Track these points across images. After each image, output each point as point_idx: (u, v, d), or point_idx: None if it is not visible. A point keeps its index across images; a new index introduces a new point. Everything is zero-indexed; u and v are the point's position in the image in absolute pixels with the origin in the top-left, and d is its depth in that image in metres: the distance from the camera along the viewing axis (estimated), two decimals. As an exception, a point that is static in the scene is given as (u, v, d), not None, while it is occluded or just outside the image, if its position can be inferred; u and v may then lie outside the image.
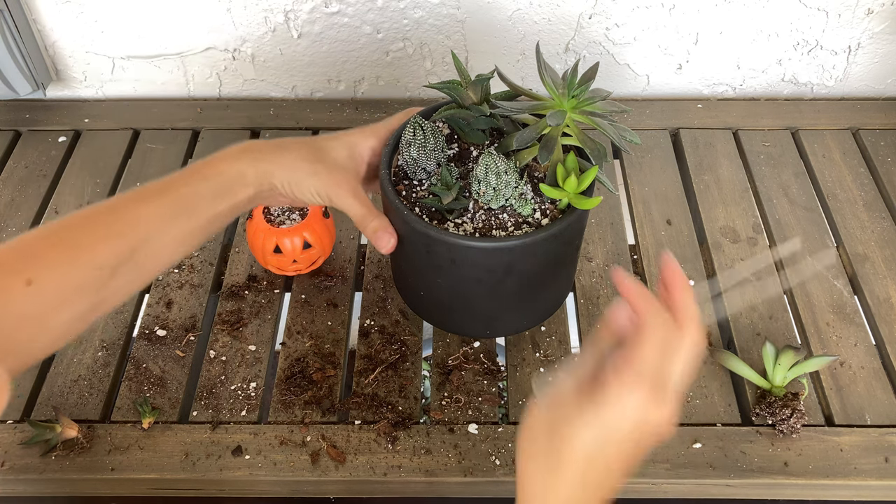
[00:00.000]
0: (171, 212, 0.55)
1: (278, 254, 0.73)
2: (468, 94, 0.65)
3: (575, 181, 0.62)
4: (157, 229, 0.54)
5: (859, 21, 0.95)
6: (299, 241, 0.72)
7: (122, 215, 0.54)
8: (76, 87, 1.03)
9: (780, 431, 0.68)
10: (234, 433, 0.69)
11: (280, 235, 0.72)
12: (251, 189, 0.59)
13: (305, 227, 0.73)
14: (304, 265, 0.75)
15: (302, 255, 0.73)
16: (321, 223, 0.74)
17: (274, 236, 0.72)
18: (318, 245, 0.74)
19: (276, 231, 0.72)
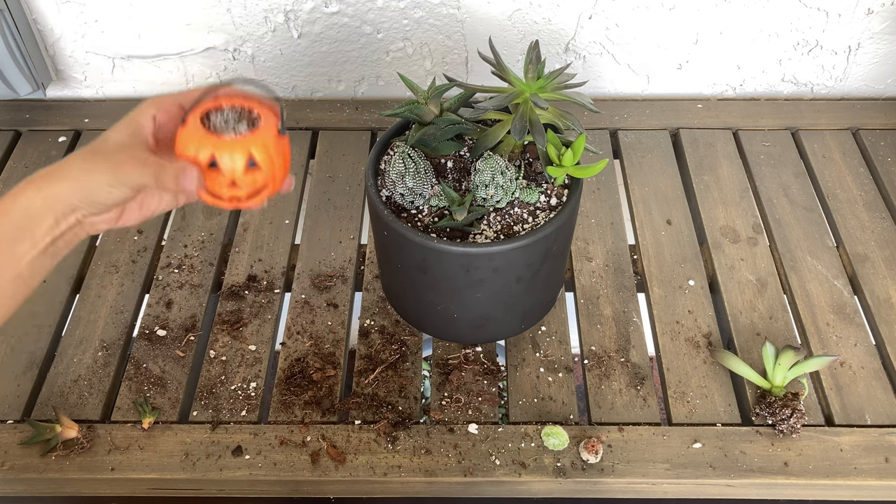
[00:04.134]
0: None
1: (213, 170, 0.53)
2: (429, 109, 0.65)
3: (571, 155, 0.62)
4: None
5: (859, 21, 0.95)
6: (242, 158, 0.52)
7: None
8: (76, 87, 1.03)
9: (780, 431, 0.68)
10: (234, 433, 0.69)
11: (219, 147, 0.52)
12: (47, 219, 0.50)
13: (254, 140, 0.53)
14: (244, 192, 0.54)
15: (245, 176, 0.53)
16: (275, 140, 0.54)
17: (211, 147, 0.52)
18: (268, 167, 0.53)
19: (214, 140, 0.53)
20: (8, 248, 0.50)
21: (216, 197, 0.54)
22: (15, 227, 0.50)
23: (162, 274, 0.82)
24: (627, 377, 0.73)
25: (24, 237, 0.50)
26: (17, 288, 0.51)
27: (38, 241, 0.50)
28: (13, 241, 0.50)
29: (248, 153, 0.52)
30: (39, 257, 0.51)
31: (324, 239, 0.85)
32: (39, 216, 0.50)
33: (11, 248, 0.50)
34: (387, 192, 0.67)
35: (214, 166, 0.52)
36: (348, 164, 0.93)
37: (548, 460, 0.67)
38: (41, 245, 0.51)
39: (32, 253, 0.50)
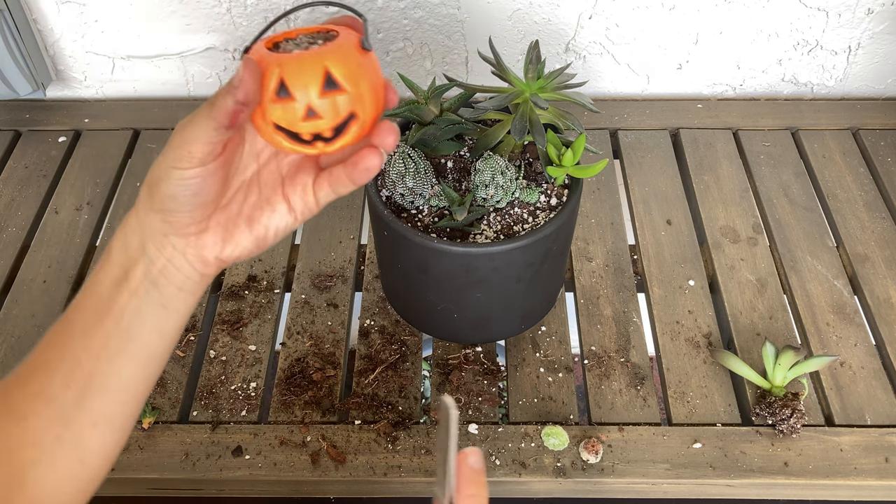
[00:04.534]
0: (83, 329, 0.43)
1: (283, 98, 0.40)
2: (429, 109, 0.65)
3: (571, 155, 0.63)
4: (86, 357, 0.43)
5: (859, 21, 0.95)
6: (317, 74, 0.39)
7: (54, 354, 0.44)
8: (76, 87, 1.03)
9: (780, 431, 0.68)
10: (234, 433, 0.69)
11: (286, 64, 0.39)
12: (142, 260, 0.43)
13: (329, 52, 0.40)
14: (327, 121, 0.40)
15: (323, 99, 0.40)
16: (357, 54, 0.41)
17: (276, 67, 0.39)
18: (351, 86, 0.40)
19: (279, 58, 0.40)
20: (107, 302, 0.43)
21: (294, 137, 0.41)
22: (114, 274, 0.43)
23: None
24: (627, 377, 0.73)
25: (122, 285, 0.43)
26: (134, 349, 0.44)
27: (135, 288, 0.43)
28: (113, 293, 0.43)
29: (324, 68, 0.40)
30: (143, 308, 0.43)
31: (324, 239, 0.85)
32: (135, 258, 0.43)
33: (112, 301, 0.43)
34: (387, 192, 0.67)
35: (285, 93, 0.40)
36: (348, 164, 0.93)
37: (548, 460, 0.67)
38: (140, 292, 0.43)
39: (134, 303, 0.43)
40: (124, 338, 0.43)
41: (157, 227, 0.43)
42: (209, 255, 0.44)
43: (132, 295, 0.43)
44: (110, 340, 0.43)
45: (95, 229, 0.87)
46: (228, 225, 0.44)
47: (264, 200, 0.45)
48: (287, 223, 0.45)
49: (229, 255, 0.45)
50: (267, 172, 0.45)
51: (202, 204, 0.42)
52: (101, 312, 0.43)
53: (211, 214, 0.44)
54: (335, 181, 0.44)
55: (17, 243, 0.85)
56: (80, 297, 0.44)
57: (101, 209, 0.88)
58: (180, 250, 0.43)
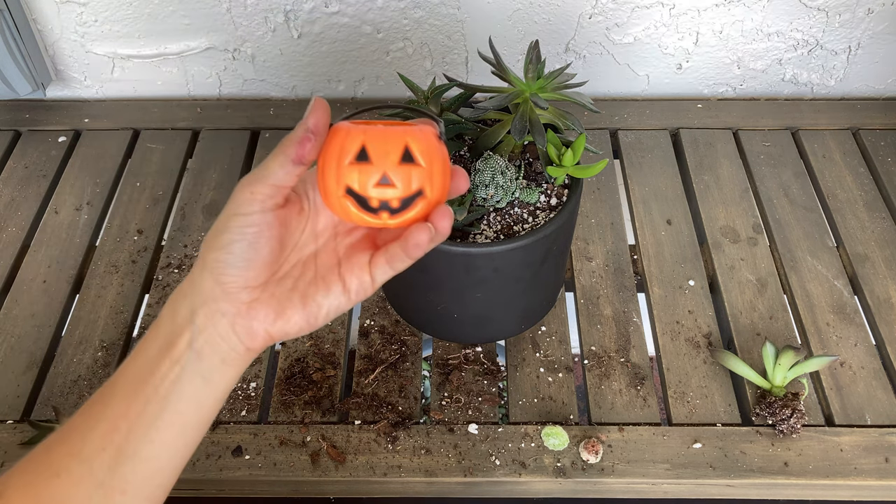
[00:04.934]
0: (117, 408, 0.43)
1: (362, 163, 0.42)
2: (429, 109, 0.65)
3: (571, 155, 0.63)
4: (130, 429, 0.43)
5: (859, 21, 0.95)
6: (398, 146, 0.42)
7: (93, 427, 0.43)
8: (76, 87, 1.03)
9: (780, 431, 0.68)
10: (234, 433, 0.69)
11: (370, 134, 0.42)
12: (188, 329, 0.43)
13: (412, 132, 0.43)
14: (399, 193, 0.42)
15: (398, 168, 0.42)
16: (435, 141, 0.44)
17: (361, 136, 0.42)
18: (427, 163, 0.42)
19: (365, 128, 0.43)
20: (149, 371, 0.43)
21: (363, 204, 0.42)
22: (160, 343, 0.43)
23: (162, 274, 0.82)
24: (627, 377, 0.73)
25: (164, 356, 0.43)
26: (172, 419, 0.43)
27: (177, 357, 0.43)
28: (156, 362, 0.43)
29: (405, 143, 0.42)
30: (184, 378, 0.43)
31: (324, 239, 0.85)
32: (181, 327, 0.43)
33: (153, 371, 0.43)
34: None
35: (364, 158, 0.42)
36: (348, 164, 0.93)
37: (548, 460, 0.67)
38: (182, 361, 0.43)
39: (174, 372, 0.43)
40: (161, 406, 0.43)
41: (210, 291, 0.42)
42: (259, 327, 0.43)
43: (174, 363, 0.43)
44: (148, 407, 0.43)
45: (95, 229, 0.87)
46: (282, 299, 0.44)
47: (320, 279, 0.45)
48: (340, 303, 0.45)
49: (279, 331, 0.44)
50: (325, 253, 0.46)
51: (256, 261, 0.42)
52: (143, 379, 0.43)
53: (265, 284, 0.43)
54: (392, 257, 0.44)
55: (17, 243, 0.85)
56: (126, 363, 0.44)
57: (101, 209, 0.88)
58: (230, 320, 0.42)
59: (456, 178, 0.45)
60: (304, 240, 0.46)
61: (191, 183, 0.91)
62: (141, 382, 0.43)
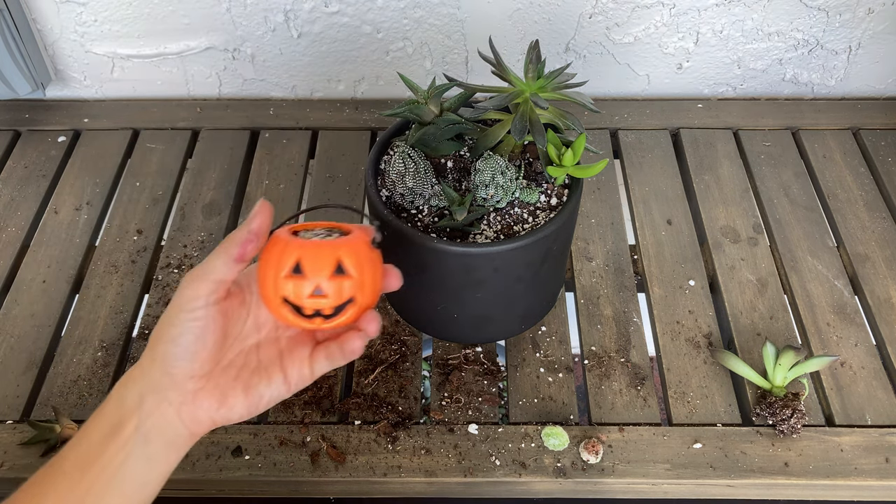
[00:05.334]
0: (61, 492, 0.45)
1: (296, 276, 0.46)
2: (429, 109, 0.65)
3: (571, 155, 0.63)
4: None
5: (860, 21, 0.95)
6: (330, 261, 0.46)
7: None
8: (76, 87, 1.03)
9: (780, 431, 0.68)
10: (234, 433, 0.69)
11: (305, 248, 0.46)
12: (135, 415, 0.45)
13: (344, 245, 0.47)
14: (330, 303, 0.47)
15: (330, 282, 0.46)
16: (367, 250, 0.48)
17: (297, 250, 0.46)
18: (357, 275, 0.47)
19: (300, 243, 0.47)
20: (98, 452, 0.45)
21: (298, 311, 0.47)
22: (107, 427, 0.46)
23: (162, 274, 0.82)
24: (627, 377, 0.73)
25: (112, 438, 0.45)
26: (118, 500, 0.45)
27: (125, 440, 0.45)
28: (103, 444, 0.45)
29: (337, 257, 0.46)
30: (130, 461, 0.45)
31: (324, 239, 0.85)
32: (129, 412, 0.46)
33: (101, 452, 0.45)
34: (387, 192, 0.67)
35: (299, 272, 0.46)
36: (348, 164, 0.93)
37: (548, 460, 0.67)
38: (129, 445, 0.45)
39: (121, 455, 0.45)
40: (106, 487, 0.45)
41: (158, 380, 0.45)
42: (203, 415, 0.46)
43: (121, 447, 0.45)
44: (93, 488, 0.45)
45: (95, 229, 0.86)
46: (226, 388, 0.47)
47: (263, 369, 0.48)
48: (281, 393, 0.48)
49: (223, 418, 0.47)
50: (267, 344, 0.49)
51: (202, 353, 0.45)
52: (89, 461, 0.45)
53: (209, 374, 0.47)
54: (331, 355, 0.49)
55: (16, 243, 0.85)
56: (69, 446, 0.47)
57: (101, 209, 0.88)
58: (176, 408, 0.46)
59: (388, 278, 0.50)
60: (246, 330, 0.49)
61: (190, 183, 0.91)
62: (87, 465, 0.45)
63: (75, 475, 0.45)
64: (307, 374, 0.49)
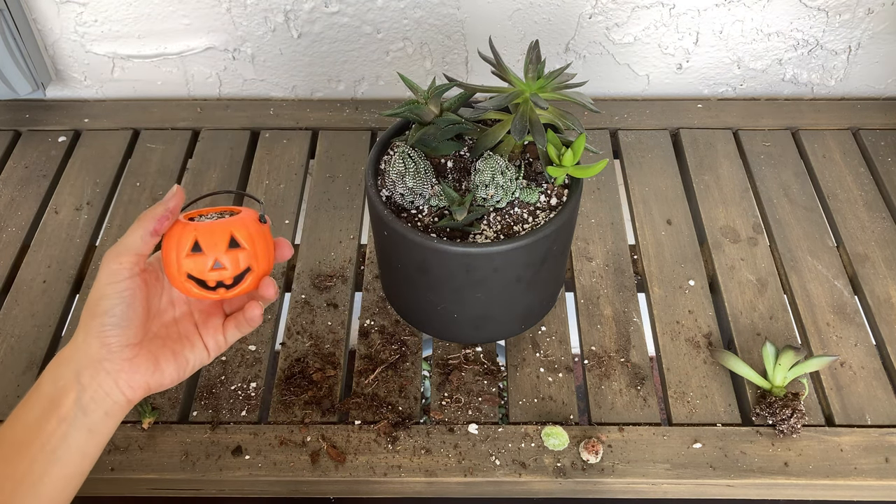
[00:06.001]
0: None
1: (196, 254, 0.51)
2: (429, 109, 0.65)
3: (571, 155, 0.63)
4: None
5: (859, 21, 0.95)
6: (224, 236, 0.52)
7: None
8: (76, 87, 1.03)
9: (780, 431, 0.68)
10: (234, 433, 0.69)
11: (201, 229, 0.52)
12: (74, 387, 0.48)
13: (234, 222, 0.53)
14: (230, 273, 0.52)
15: (227, 255, 0.52)
16: (256, 224, 0.54)
17: (192, 232, 0.52)
18: (250, 246, 0.52)
19: (195, 225, 0.52)
20: (37, 429, 0.48)
21: (202, 284, 0.52)
22: (44, 404, 0.48)
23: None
24: (627, 377, 0.73)
25: (51, 414, 0.48)
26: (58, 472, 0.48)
27: (65, 414, 0.48)
28: (41, 421, 0.48)
29: (230, 233, 0.52)
30: (71, 433, 0.48)
31: (324, 239, 0.85)
32: (65, 387, 0.49)
33: (41, 428, 0.48)
34: (387, 192, 0.67)
35: (198, 250, 0.51)
36: (348, 164, 0.93)
37: (548, 460, 0.67)
38: (69, 418, 0.48)
39: (62, 429, 0.48)
40: (49, 461, 0.48)
41: (95, 353, 0.49)
42: (140, 380, 0.50)
43: (61, 421, 0.48)
44: (34, 465, 0.47)
45: (95, 229, 0.87)
46: (157, 354, 0.51)
47: (185, 338, 0.53)
48: (202, 359, 0.54)
49: (156, 382, 0.52)
50: (183, 319, 0.55)
51: (135, 320, 0.50)
52: (27, 441, 0.48)
53: (141, 342, 0.51)
54: (238, 324, 0.54)
55: (17, 243, 0.85)
56: (1, 430, 0.49)
57: (101, 209, 0.88)
58: (114, 376, 0.49)
59: (280, 249, 0.56)
60: (163, 305, 0.54)
61: (191, 183, 0.91)
62: (24, 444, 0.48)
63: (12, 456, 0.47)
64: (222, 342, 0.55)
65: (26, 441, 0.48)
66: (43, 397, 0.49)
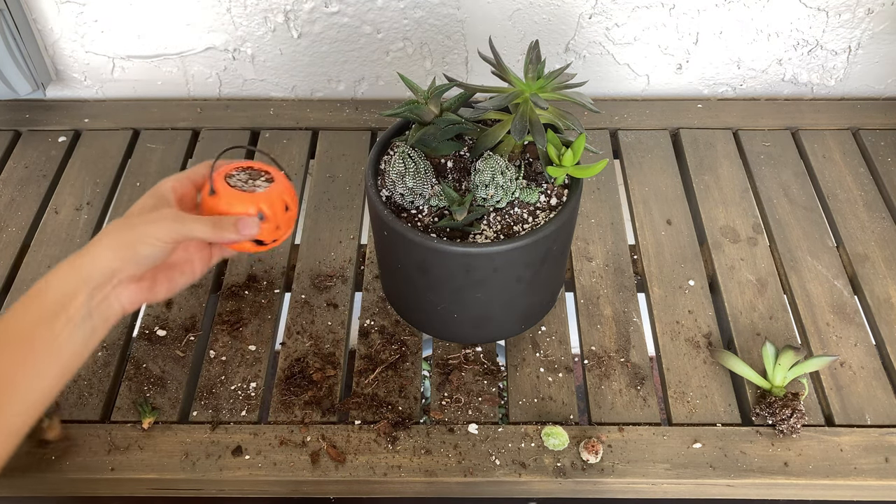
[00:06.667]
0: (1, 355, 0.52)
1: (262, 221, 0.59)
2: (429, 109, 0.65)
3: (571, 155, 0.63)
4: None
5: (859, 21, 0.95)
6: (281, 204, 0.60)
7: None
8: (76, 87, 1.03)
9: (780, 431, 0.68)
10: (234, 433, 0.69)
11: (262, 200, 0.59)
12: (81, 293, 0.53)
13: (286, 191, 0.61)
14: (283, 232, 0.61)
15: (283, 217, 0.60)
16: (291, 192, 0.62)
17: (252, 202, 0.59)
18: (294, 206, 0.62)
19: (254, 196, 0.59)
20: (46, 326, 0.53)
21: (258, 242, 0.61)
22: (51, 306, 0.53)
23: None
24: (627, 377, 0.73)
25: (58, 315, 0.53)
26: (56, 366, 0.53)
27: (72, 316, 0.53)
28: (47, 320, 0.53)
29: (283, 200, 0.61)
30: (75, 332, 0.54)
31: (324, 239, 0.85)
32: (74, 292, 0.54)
33: (48, 326, 0.53)
34: (387, 192, 0.67)
35: (262, 217, 0.60)
36: (348, 164, 0.93)
37: (548, 460, 0.67)
38: (76, 319, 0.53)
39: (69, 328, 0.53)
40: (52, 357, 0.53)
41: (109, 269, 0.55)
42: (138, 298, 0.57)
43: (68, 321, 0.53)
44: (39, 359, 0.53)
45: (95, 229, 0.86)
46: (156, 279, 0.59)
47: (180, 265, 0.61)
48: (191, 279, 0.62)
49: (150, 299, 0.59)
50: (180, 249, 0.61)
51: (153, 265, 0.57)
52: (34, 336, 0.53)
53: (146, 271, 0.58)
54: (223, 250, 0.63)
55: (17, 243, 0.85)
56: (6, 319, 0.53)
57: (101, 209, 0.88)
58: (118, 291, 0.56)
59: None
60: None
61: (191, 183, 0.91)
62: (31, 339, 0.53)
63: (19, 348, 0.52)
64: (206, 266, 0.63)
65: (34, 336, 0.52)
66: (49, 299, 0.53)
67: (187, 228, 0.56)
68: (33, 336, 0.53)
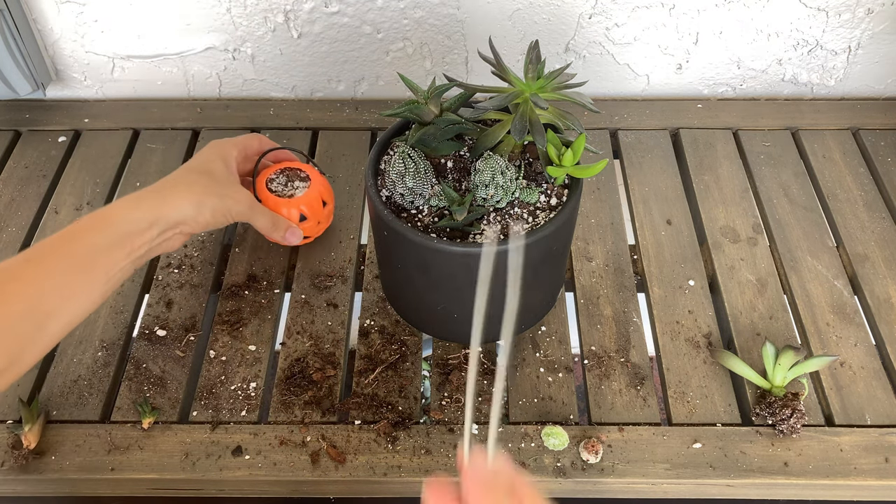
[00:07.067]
0: (66, 268, 0.55)
1: (302, 222, 0.76)
2: (429, 109, 0.65)
3: (571, 155, 0.63)
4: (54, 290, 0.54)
5: (859, 21, 0.95)
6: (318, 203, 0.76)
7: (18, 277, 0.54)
8: (76, 87, 1.03)
9: (780, 431, 0.68)
10: (234, 433, 0.69)
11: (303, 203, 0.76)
12: (150, 232, 0.59)
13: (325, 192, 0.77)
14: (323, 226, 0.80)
15: (322, 213, 0.78)
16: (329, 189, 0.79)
17: (296, 205, 0.75)
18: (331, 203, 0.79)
19: (295, 201, 0.75)
20: (107, 253, 0.56)
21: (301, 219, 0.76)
22: (118, 236, 0.57)
23: (162, 274, 0.82)
24: (627, 377, 0.73)
25: (123, 245, 0.57)
26: (103, 290, 0.57)
27: (134, 249, 0.57)
28: (113, 247, 0.56)
29: (321, 198, 0.75)
30: (129, 265, 0.58)
31: (324, 239, 0.85)
32: (143, 229, 0.58)
33: (110, 253, 0.56)
34: (387, 192, 0.67)
35: (303, 219, 0.76)
36: (348, 164, 0.93)
37: (548, 460, 0.67)
38: (136, 255, 0.58)
39: (127, 261, 0.57)
40: (104, 286, 0.57)
41: (186, 221, 0.61)
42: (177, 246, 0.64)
43: (130, 254, 0.57)
44: (93, 285, 0.56)
45: (95, 229, 0.86)
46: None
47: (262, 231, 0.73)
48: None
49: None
50: None
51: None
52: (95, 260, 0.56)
53: None
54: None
55: (17, 243, 0.85)
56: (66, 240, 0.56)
57: (101, 209, 0.88)
58: (175, 238, 0.61)
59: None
60: None
61: (191, 183, 0.91)
62: (91, 263, 0.56)
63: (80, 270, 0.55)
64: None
65: (95, 260, 0.56)
66: (117, 230, 0.57)
67: (254, 218, 0.67)
68: (95, 259, 0.56)
